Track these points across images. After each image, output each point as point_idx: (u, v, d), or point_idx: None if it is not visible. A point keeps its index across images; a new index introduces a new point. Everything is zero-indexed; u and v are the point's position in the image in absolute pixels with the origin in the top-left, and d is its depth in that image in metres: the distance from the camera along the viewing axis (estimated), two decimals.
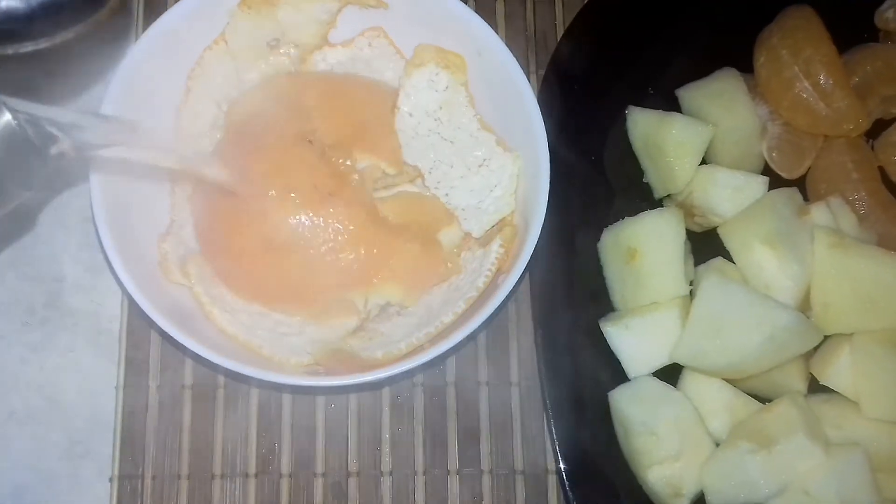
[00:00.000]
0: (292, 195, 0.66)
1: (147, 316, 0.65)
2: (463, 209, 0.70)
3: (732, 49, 0.82)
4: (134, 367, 0.78)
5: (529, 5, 0.88)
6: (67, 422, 0.77)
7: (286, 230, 0.67)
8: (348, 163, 0.69)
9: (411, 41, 0.73)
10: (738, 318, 0.69)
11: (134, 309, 0.78)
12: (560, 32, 0.88)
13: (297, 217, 0.66)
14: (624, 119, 0.81)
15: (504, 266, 0.69)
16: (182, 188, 0.72)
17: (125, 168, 0.68)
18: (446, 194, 0.71)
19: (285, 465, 0.76)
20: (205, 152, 0.70)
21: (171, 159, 0.64)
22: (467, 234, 0.71)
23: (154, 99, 0.70)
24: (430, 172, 0.70)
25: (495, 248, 0.69)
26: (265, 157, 0.68)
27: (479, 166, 0.70)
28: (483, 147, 0.71)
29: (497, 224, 0.70)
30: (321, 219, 0.66)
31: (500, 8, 0.88)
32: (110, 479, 0.76)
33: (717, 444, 0.71)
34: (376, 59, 0.73)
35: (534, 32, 0.88)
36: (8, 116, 0.49)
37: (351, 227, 0.67)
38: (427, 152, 0.70)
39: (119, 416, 0.77)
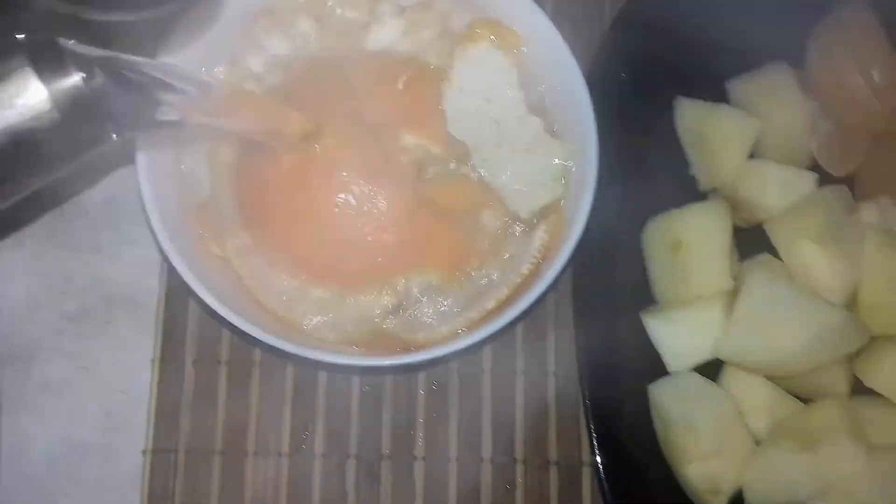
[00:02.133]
0: (337, 172, 0.66)
1: (187, 288, 0.65)
2: (509, 190, 0.69)
3: (784, 43, 0.80)
4: (170, 340, 0.77)
5: None
6: (102, 394, 0.77)
7: (330, 206, 0.66)
8: (395, 142, 0.68)
9: (462, 20, 0.73)
10: (784, 315, 0.69)
11: (172, 282, 0.78)
12: (607, 22, 0.86)
13: (343, 194, 0.66)
14: (671, 109, 0.80)
15: (548, 254, 0.68)
16: (224, 159, 0.71)
17: (172, 135, 0.68)
18: (491, 174, 0.70)
19: (319, 446, 0.76)
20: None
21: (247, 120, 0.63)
22: (510, 218, 0.70)
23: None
24: (475, 150, 0.69)
25: (540, 234, 0.69)
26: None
27: (526, 150, 0.69)
28: (530, 131, 0.70)
29: (543, 210, 0.69)
30: (366, 197, 0.66)
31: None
32: (144, 453, 0.75)
33: (757, 443, 0.70)
34: (427, 34, 0.72)
35: (582, 21, 0.86)
36: (77, 78, 0.49)
37: (395, 207, 0.66)
38: (474, 130, 0.70)
39: (154, 389, 0.76)
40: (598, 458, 0.71)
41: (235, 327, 0.65)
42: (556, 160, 0.69)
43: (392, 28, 0.72)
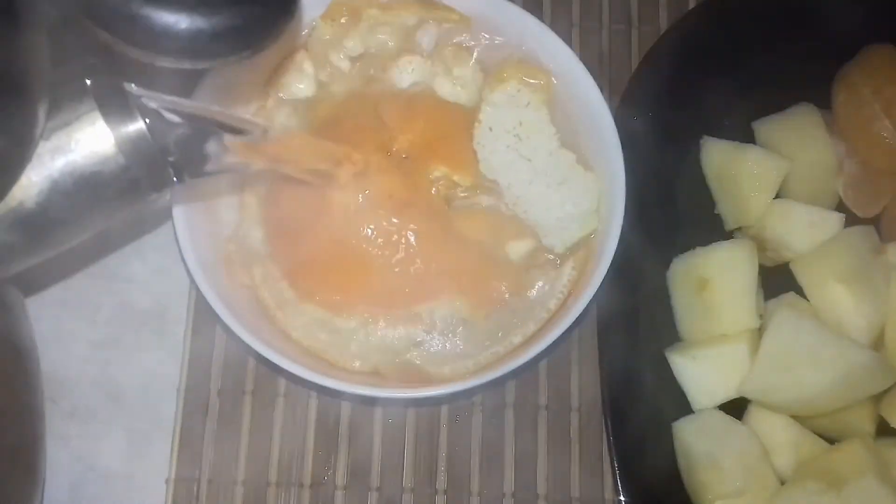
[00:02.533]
0: (367, 202, 0.66)
1: (214, 318, 0.66)
2: (543, 226, 0.70)
3: (810, 85, 0.81)
4: (196, 370, 0.78)
5: (605, 34, 0.88)
6: (127, 421, 0.78)
7: (359, 237, 0.67)
8: (425, 174, 0.69)
9: (493, 56, 0.74)
10: (810, 354, 0.68)
11: (200, 312, 0.79)
12: (634, 61, 0.88)
13: (371, 225, 0.66)
14: (697, 149, 0.80)
15: (575, 289, 0.68)
16: (254, 188, 0.72)
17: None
18: (525, 211, 0.70)
19: (340, 477, 0.76)
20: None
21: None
22: (537, 251, 0.70)
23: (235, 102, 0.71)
24: (508, 188, 0.70)
25: (568, 270, 0.69)
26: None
27: (559, 184, 0.70)
28: (562, 166, 0.70)
29: (577, 244, 0.70)
30: (395, 228, 0.66)
31: (575, 35, 0.88)
32: (166, 482, 0.76)
33: (782, 482, 0.70)
34: (458, 72, 0.73)
35: (608, 60, 0.88)
36: (141, 123, 0.50)
37: (423, 239, 0.67)
38: (505, 168, 0.70)
39: (179, 418, 0.77)
40: (622, 497, 0.70)
41: (261, 357, 0.66)
42: (591, 193, 0.70)
43: (426, 62, 0.73)
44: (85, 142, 0.49)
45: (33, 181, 0.49)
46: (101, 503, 0.76)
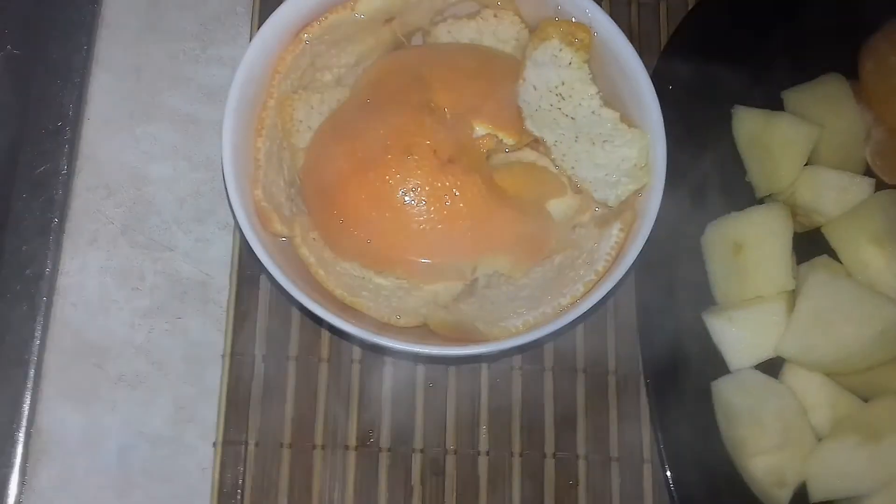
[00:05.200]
0: (410, 157, 0.68)
1: (256, 283, 0.67)
2: (593, 181, 0.71)
3: (838, 55, 0.83)
4: (241, 336, 0.79)
5: (634, 9, 0.90)
6: (174, 387, 0.79)
7: (401, 193, 0.68)
8: (468, 131, 0.70)
9: (534, 15, 0.75)
10: (846, 312, 0.70)
11: (243, 279, 0.80)
12: (663, 34, 0.89)
13: (414, 181, 0.67)
14: (728, 118, 0.82)
15: (621, 251, 0.70)
16: (295, 142, 0.73)
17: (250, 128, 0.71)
18: (572, 167, 0.71)
19: (384, 440, 0.78)
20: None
21: None
22: (581, 208, 0.72)
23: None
24: (555, 145, 0.71)
25: (615, 231, 0.70)
26: (386, 120, 0.69)
27: (605, 142, 0.71)
28: (607, 124, 0.71)
29: (626, 202, 0.71)
30: (438, 184, 0.67)
31: (605, 7, 0.88)
32: (214, 445, 0.77)
33: (819, 439, 0.72)
34: (503, 30, 0.75)
35: (638, 33, 0.89)
36: None
37: (467, 195, 0.68)
38: (551, 126, 0.71)
39: (224, 383, 0.78)
40: (663, 454, 0.72)
41: (305, 318, 0.66)
42: (638, 148, 0.71)
43: (471, 22, 0.75)
44: None
45: None
46: (150, 466, 0.77)
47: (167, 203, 0.83)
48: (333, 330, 0.73)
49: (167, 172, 0.84)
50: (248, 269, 0.81)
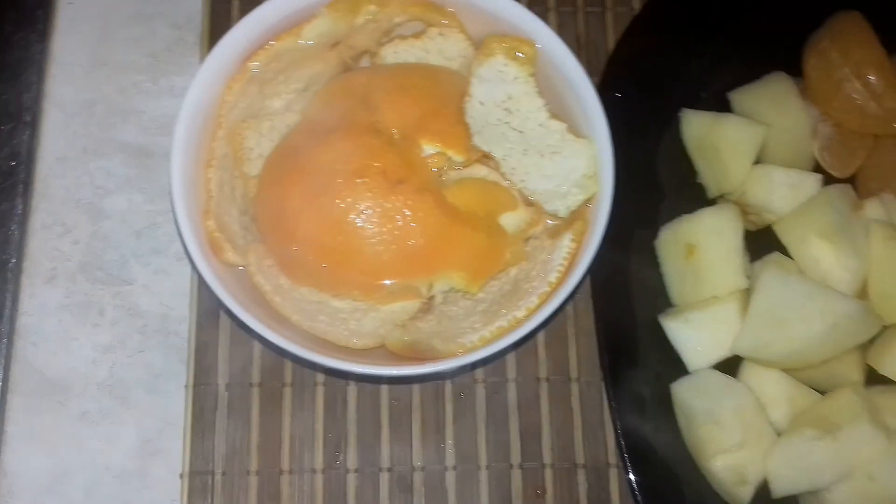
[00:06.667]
0: (360, 180, 0.68)
1: (217, 313, 0.67)
2: (543, 193, 0.72)
3: (782, 54, 0.84)
4: (203, 366, 0.80)
5: (581, 16, 0.91)
6: (138, 421, 0.79)
7: (353, 216, 0.68)
8: (417, 151, 0.71)
9: (478, 32, 0.76)
10: (798, 308, 0.71)
11: (203, 309, 0.81)
12: (610, 41, 0.90)
13: (365, 203, 0.68)
14: (677, 122, 0.83)
15: (573, 261, 0.70)
16: (248, 171, 0.74)
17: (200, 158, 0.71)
18: (522, 180, 0.72)
19: (351, 461, 0.78)
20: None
21: None
22: (533, 221, 0.72)
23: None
24: (504, 159, 0.72)
25: (567, 242, 0.70)
26: (334, 145, 0.69)
27: (553, 153, 0.72)
28: (554, 135, 0.72)
29: (575, 213, 0.72)
30: (389, 205, 0.68)
31: (552, 18, 0.90)
32: (181, 476, 0.77)
33: (779, 434, 0.72)
34: (449, 47, 0.76)
35: (585, 41, 0.90)
36: None
37: (418, 215, 0.68)
38: (499, 140, 0.72)
39: (189, 414, 0.79)
40: (626, 459, 0.72)
41: (266, 345, 0.67)
42: (586, 158, 0.71)
43: (417, 41, 0.76)
44: None
45: None
46: (118, 502, 0.77)
47: (124, 237, 0.84)
48: (292, 356, 0.73)
49: (123, 206, 0.84)
50: (207, 299, 0.81)
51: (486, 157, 0.73)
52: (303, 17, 0.75)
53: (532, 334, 0.71)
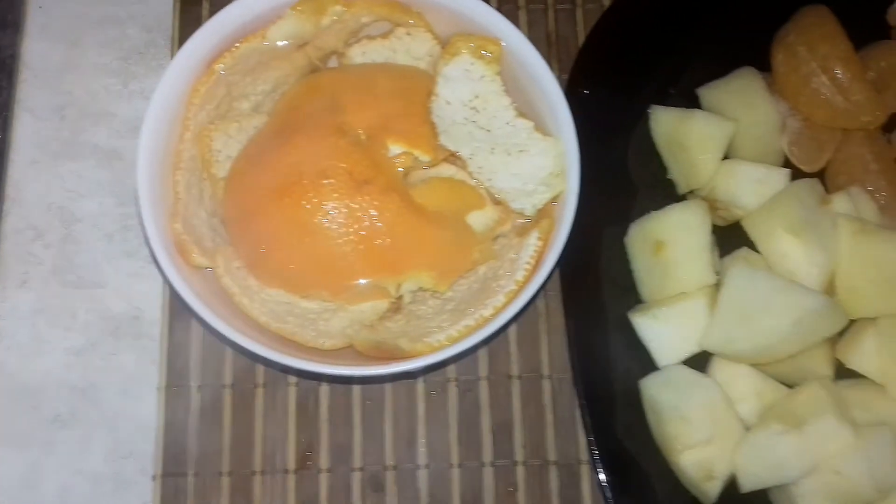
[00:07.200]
0: (326, 181, 0.68)
1: (188, 314, 0.67)
2: (510, 191, 0.72)
3: (750, 49, 0.84)
4: (175, 369, 0.80)
5: (551, 13, 0.91)
6: (111, 424, 0.79)
7: (320, 217, 0.68)
8: (383, 151, 0.71)
9: (445, 31, 0.76)
10: (766, 303, 0.71)
11: (174, 311, 0.81)
12: (581, 38, 0.90)
13: (331, 204, 0.68)
14: (646, 118, 0.83)
15: (540, 259, 0.70)
16: (214, 173, 0.74)
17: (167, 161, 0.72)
18: (489, 179, 0.72)
19: (324, 461, 0.78)
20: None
21: None
22: (501, 219, 0.73)
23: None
24: (470, 158, 0.72)
25: (533, 241, 0.70)
26: (300, 146, 0.70)
27: (520, 152, 0.72)
28: (521, 134, 0.72)
29: (542, 211, 0.72)
30: (355, 206, 0.68)
31: (522, 16, 0.90)
32: (153, 478, 0.77)
33: (747, 429, 0.73)
34: (416, 47, 0.76)
35: (556, 39, 0.90)
36: None
37: (385, 215, 0.68)
38: (466, 139, 0.72)
39: (161, 416, 0.79)
40: (597, 455, 0.73)
41: (235, 346, 0.67)
42: (553, 157, 0.72)
43: (384, 41, 0.76)
44: None
45: None
46: None
47: (96, 240, 0.84)
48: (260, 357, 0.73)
49: (94, 209, 0.84)
50: (179, 301, 0.80)
51: (453, 157, 0.74)
52: (269, 19, 0.75)
53: (500, 332, 0.71)
